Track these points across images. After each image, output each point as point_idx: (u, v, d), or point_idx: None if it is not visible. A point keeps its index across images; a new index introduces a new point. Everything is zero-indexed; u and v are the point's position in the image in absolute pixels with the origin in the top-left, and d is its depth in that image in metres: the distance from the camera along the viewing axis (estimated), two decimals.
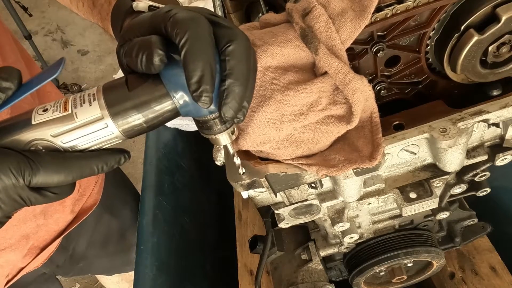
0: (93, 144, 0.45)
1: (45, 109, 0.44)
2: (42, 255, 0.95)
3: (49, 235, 0.94)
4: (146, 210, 1.08)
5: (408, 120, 0.59)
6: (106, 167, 0.46)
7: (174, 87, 0.44)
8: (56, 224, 0.94)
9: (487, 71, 0.58)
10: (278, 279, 0.91)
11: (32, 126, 0.43)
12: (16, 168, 0.41)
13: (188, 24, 0.42)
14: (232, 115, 0.44)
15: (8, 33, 0.85)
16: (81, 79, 3.24)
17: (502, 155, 0.65)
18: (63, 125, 0.43)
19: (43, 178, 0.42)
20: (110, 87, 0.45)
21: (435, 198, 0.66)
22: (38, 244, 0.93)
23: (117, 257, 1.25)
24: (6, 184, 0.41)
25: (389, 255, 0.83)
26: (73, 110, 0.43)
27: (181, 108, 0.45)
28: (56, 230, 0.95)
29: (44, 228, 0.91)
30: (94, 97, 0.44)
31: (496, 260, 0.97)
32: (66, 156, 0.44)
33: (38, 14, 3.75)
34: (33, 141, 0.43)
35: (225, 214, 1.27)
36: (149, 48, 0.42)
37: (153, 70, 0.43)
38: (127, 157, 0.48)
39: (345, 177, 0.59)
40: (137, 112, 0.44)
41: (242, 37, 0.45)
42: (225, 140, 0.49)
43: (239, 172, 0.57)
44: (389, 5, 0.52)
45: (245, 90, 0.44)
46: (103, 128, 0.44)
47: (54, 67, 0.45)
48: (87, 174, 0.45)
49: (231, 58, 0.43)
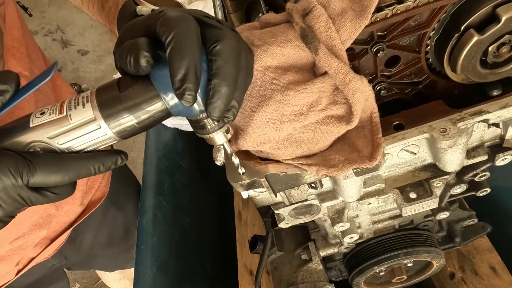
0: (88, 145, 0.46)
1: (42, 112, 0.45)
2: (52, 245, 0.97)
3: (59, 226, 0.97)
4: (146, 210, 1.08)
5: (408, 120, 0.59)
6: (103, 167, 0.47)
7: (163, 87, 0.44)
8: (66, 215, 0.97)
9: (487, 71, 0.58)
10: (278, 279, 0.91)
11: (30, 128, 0.44)
12: (14, 168, 0.42)
13: (175, 22, 0.42)
14: (219, 115, 0.44)
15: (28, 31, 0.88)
16: (81, 79, 3.23)
17: (502, 155, 0.65)
18: (58, 127, 0.44)
19: (40, 178, 0.43)
20: (103, 89, 0.46)
21: (435, 198, 0.66)
22: (49, 235, 0.95)
23: (121, 253, 1.26)
24: (6, 184, 0.42)
25: (389, 255, 0.83)
26: (68, 112, 0.45)
27: (171, 108, 0.45)
28: (66, 221, 0.98)
29: (55, 219, 0.93)
30: (87, 99, 0.45)
31: (496, 260, 0.97)
32: (63, 157, 0.45)
33: (38, 14, 3.75)
34: (31, 143, 0.44)
35: (225, 214, 1.27)
36: (136, 50, 0.42)
37: (141, 71, 0.43)
38: (124, 158, 0.49)
39: (345, 177, 0.59)
40: (129, 113, 0.45)
41: (230, 37, 0.45)
42: (220, 139, 0.49)
43: (239, 172, 0.57)
44: (389, 5, 0.52)
45: (233, 90, 0.44)
46: (96, 130, 0.45)
47: (47, 71, 0.46)
48: (84, 174, 0.46)
49: (218, 58, 0.44)
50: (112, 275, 1.43)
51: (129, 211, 1.22)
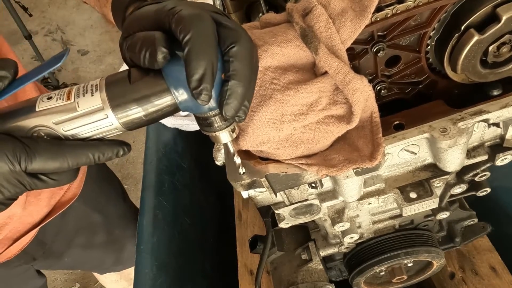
0: (93, 134, 0.46)
1: (49, 97, 0.45)
2: (15, 246, 0.95)
3: (23, 227, 0.94)
4: (146, 210, 1.08)
5: (408, 120, 0.59)
6: (103, 157, 0.47)
7: (175, 83, 0.44)
8: (30, 216, 0.94)
9: (487, 71, 0.58)
10: (278, 279, 0.91)
11: (36, 112, 0.44)
12: (12, 154, 0.42)
13: (193, 21, 0.42)
14: (233, 114, 0.45)
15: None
16: (81, 79, 3.23)
17: (502, 155, 0.65)
18: (65, 113, 0.44)
19: (39, 164, 0.43)
20: (113, 79, 0.46)
21: (435, 198, 0.66)
22: (11, 235, 0.93)
23: (106, 255, 1.25)
24: (3, 170, 0.43)
25: (389, 255, 0.83)
26: (76, 99, 0.45)
27: (180, 103, 0.46)
28: (30, 222, 0.95)
29: (18, 220, 0.91)
30: (96, 88, 0.45)
31: (496, 260, 0.97)
32: (63, 144, 0.45)
33: (38, 14, 3.75)
34: (36, 127, 0.44)
35: (225, 214, 1.27)
36: (152, 45, 0.43)
37: (156, 66, 0.43)
38: (127, 150, 0.48)
39: (345, 177, 0.59)
40: (137, 105, 0.45)
41: (245, 39, 0.45)
42: (225, 138, 0.49)
43: (239, 172, 0.57)
44: (389, 5, 0.52)
45: (247, 90, 0.45)
46: (103, 119, 0.45)
47: (57, 58, 0.46)
48: (83, 162, 0.46)
49: (235, 60, 0.44)
50: (109, 276, 1.41)
51: (110, 212, 1.20)
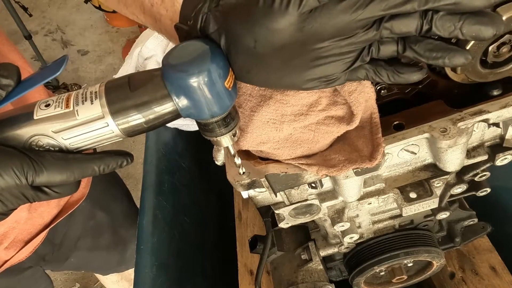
0: (93, 142, 0.45)
1: (47, 104, 0.45)
2: (26, 248, 0.95)
3: (34, 228, 0.94)
4: (146, 210, 1.08)
5: (408, 120, 0.59)
6: (108, 168, 0.47)
7: (176, 90, 0.44)
8: (41, 217, 0.94)
9: (487, 71, 0.58)
10: (278, 279, 0.91)
11: (34, 120, 0.44)
12: (19, 169, 0.42)
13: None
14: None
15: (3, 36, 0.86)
16: (81, 79, 3.23)
17: (502, 155, 0.65)
18: (64, 121, 0.44)
19: (46, 178, 0.43)
20: (112, 86, 0.45)
21: (435, 198, 0.66)
22: (22, 238, 0.93)
23: (111, 255, 1.25)
24: (9, 184, 0.42)
25: (389, 255, 0.83)
26: (75, 107, 0.44)
27: (181, 110, 0.45)
28: (41, 223, 0.96)
29: (29, 222, 0.91)
30: (96, 95, 0.44)
31: (496, 260, 0.97)
32: (69, 158, 0.45)
33: (38, 14, 3.75)
34: (34, 135, 0.44)
35: (225, 214, 1.27)
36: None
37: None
38: (130, 161, 0.49)
39: (345, 177, 0.59)
40: (138, 112, 0.44)
41: None
42: (226, 142, 0.49)
43: (239, 172, 0.57)
44: None
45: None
46: (103, 127, 0.44)
47: (57, 65, 0.45)
48: (88, 174, 0.46)
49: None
50: (110, 277, 1.41)
51: (116, 212, 1.20)
